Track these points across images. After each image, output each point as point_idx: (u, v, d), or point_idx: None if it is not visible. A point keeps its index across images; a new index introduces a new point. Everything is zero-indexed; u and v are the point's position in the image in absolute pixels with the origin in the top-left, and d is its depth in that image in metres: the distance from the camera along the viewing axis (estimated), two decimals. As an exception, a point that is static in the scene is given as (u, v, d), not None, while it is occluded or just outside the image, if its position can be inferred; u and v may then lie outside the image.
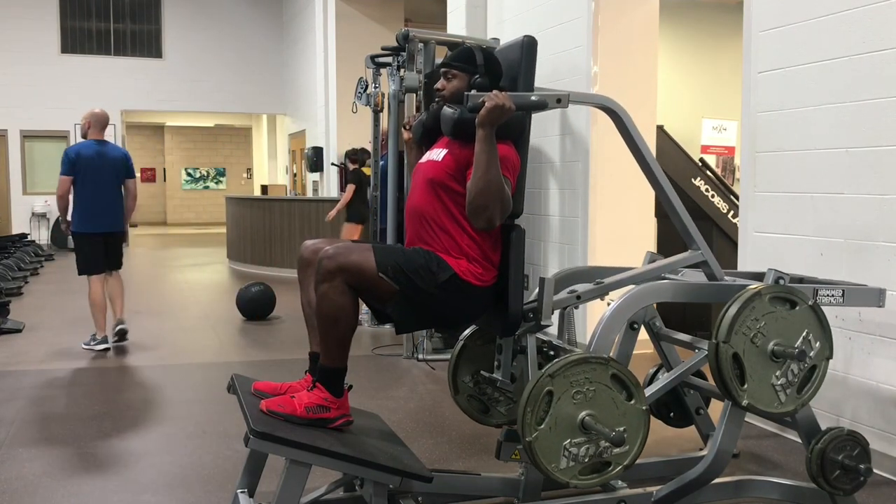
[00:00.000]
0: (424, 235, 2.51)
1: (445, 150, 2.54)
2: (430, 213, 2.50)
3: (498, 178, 2.34)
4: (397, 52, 5.64)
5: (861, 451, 2.55)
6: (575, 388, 2.25)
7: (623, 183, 5.16)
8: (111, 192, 5.44)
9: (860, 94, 3.13)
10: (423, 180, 2.54)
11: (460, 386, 2.94)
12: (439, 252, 2.47)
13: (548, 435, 2.23)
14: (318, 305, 2.35)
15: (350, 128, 11.53)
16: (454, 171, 2.47)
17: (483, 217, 2.37)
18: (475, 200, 2.35)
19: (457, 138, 2.48)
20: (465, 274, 2.44)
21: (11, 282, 8.51)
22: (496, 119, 2.31)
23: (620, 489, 2.66)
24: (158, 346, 5.68)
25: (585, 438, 2.25)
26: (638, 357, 3.16)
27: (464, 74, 2.55)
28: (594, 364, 2.28)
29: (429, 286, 2.40)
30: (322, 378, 2.40)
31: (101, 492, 2.94)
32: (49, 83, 14.66)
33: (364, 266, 2.34)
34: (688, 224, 2.80)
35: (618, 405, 2.29)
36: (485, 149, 2.32)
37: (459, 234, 2.47)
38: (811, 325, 2.44)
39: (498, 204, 2.35)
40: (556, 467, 2.24)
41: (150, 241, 16.56)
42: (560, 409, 2.23)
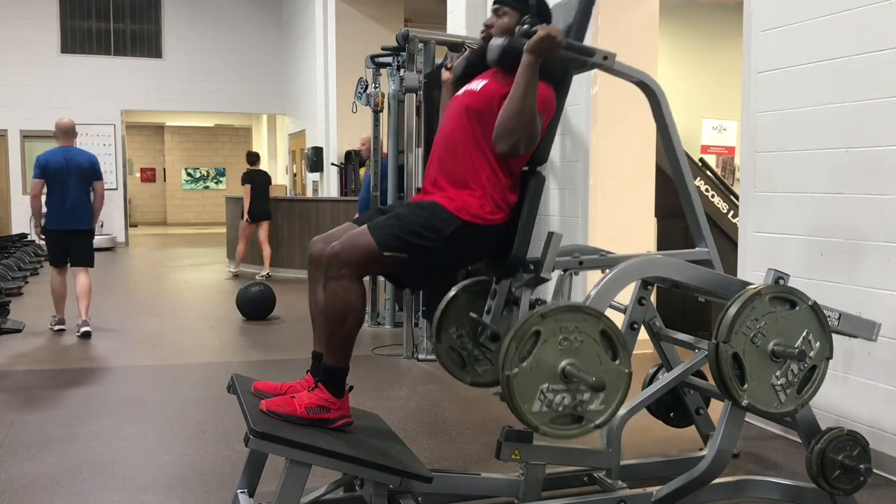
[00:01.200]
0: (449, 162, 2.51)
1: (486, 81, 2.55)
2: (459, 140, 2.50)
3: (533, 107, 2.34)
4: (397, 52, 5.65)
5: (861, 451, 2.55)
6: (563, 335, 2.22)
7: (623, 183, 5.17)
8: (77, 194, 5.91)
9: (860, 94, 3.13)
10: (459, 108, 2.55)
11: (443, 336, 2.91)
12: (452, 185, 2.46)
13: (527, 374, 2.19)
14: (327, 303, 2.35)
15: (350, 128, 11.54)
16: (491, 101, 2.47)
17: (509, 141, 2.36)
18: (505, 122, 2.36)
19: (501, 65, 2.48)
20: (475, 216, 2.44)
21: (11, 282, 8.51)
22: (545, 49, 2.32)
23: (620, 489, 2.66)
24: (158, 346, 5.68)
25: (564, 387, 2.22)
26: (638, 357, 3.16)
27: (514, 13, 2.57)
28: (587, 315, 2.26)
29: (435, 244, 2.40)
30: (324, 377, 2.40)
31: (101, 492, 2.94)
32: (49, 83, 14.65)
33: (369, 252, 2.35)
34: (700, 220, 2.79)
35: (601, 361, 2.26)
36: (527, 74, 2.33)
37: (483, 165, 2.46)
38: (811, 325, 2.44)
39: (526, 132, 2.35)
40: (528, 408, 2.21)
41: (150, 241, 16.56)
42: (544, 352, 2.21)
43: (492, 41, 2.51)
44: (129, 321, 6.72)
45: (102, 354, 5.37)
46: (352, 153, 11.64)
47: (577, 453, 2.70)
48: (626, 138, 5.19)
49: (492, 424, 3.74)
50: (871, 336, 2.70)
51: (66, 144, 6.06)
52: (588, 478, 2.85)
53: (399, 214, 2.45)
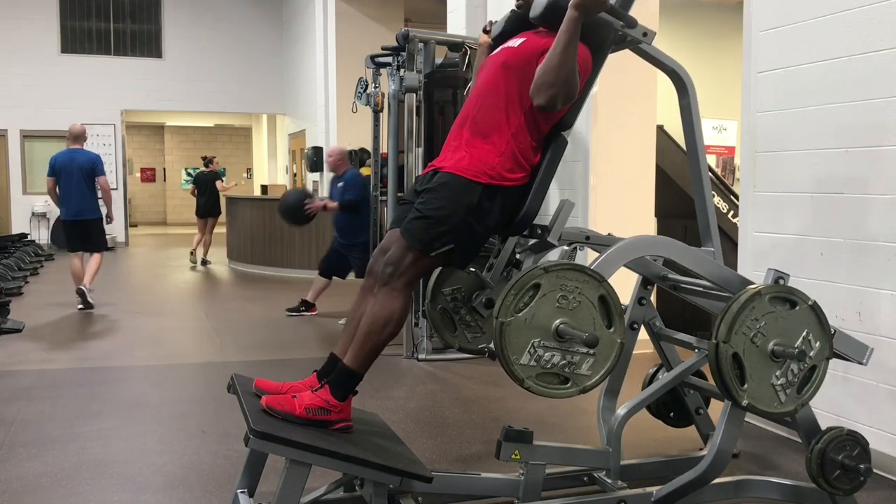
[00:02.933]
0: (477, 113, 2.50)
1: (524, 38, 2.54)
2: (491, 93, 2.49)
3: (573, 62, 2.32)
4: (397, 52, 5.64)
5: (861, 451, 2.55)
6: (562, 293, 2.20)
7: (623, 183, 5.17)
8: (80, 188, 6.99)
9: (860, 94, 3.13)
10: (496, 64, 2.54)
11: (437, 296, 2.90)
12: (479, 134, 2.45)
13: (521, 325, 2.18)
14: (373, 307, 2.39)
15: (350, 128, 11.54)
16: (530, 56, 2.45)
17: (547, 94, 2.34)
18: (545, 75, 2.33)
19: (543, 20, 2.47)
20: (493, 177, 2.42)
21: (11, 282, 8.51)
22: (591, 5, 2.30)
23: (620, 489, 2.66)
24: (158, 346, 5.68)
25: (556, 345, 2.20)
26: (638, 357, 3.16)
27: None
28: (588, 277, 2.24)
29: (466, 218, 2.40)
30: (338, 377, 2.41)
31: (101, 492, 2.93)
32: (49, 83, 14.65)
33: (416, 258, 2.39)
34: (711, 219, 2.78)
35: (596, 327, 2.24)
36: (570, 29, 2.30)
37: (512, 120, 2.45)
38: (811, 325, 2.44)
39: (565, 86, 2.33)
40: (517, 360, 2.18)
41: (150, 240, 16.56)
42: (541, 307, 2.19)
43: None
44: (129, 321, 6.71)
45: (102, 354, 5.37)
46: (352, 153, 11.62)
47: (577, 453, 2.71)
48: (626, 138, 5.19)
49: (492, 424, 3.74)
50: (862, 360, 2.69)
51: (74, 147, 7.10)
52: (588, 478, 2.85)
53: (422, 211, 2.43)
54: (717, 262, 2.72)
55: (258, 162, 20.88)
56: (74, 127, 7.23)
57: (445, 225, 2.38)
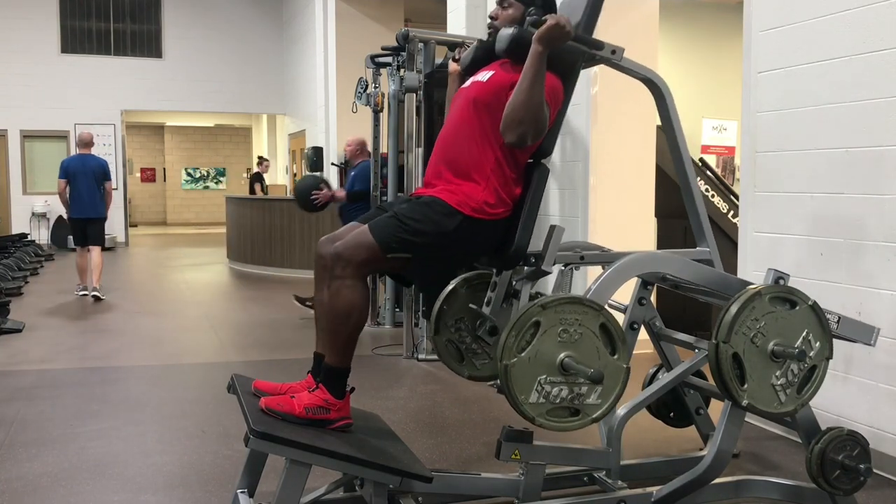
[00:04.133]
0: (453, 152, 2.51)
1: (492, 71, 2.55)
2: (466, 131, 2.49)
3: (540, 97, 2.33)
4: (397, 52, 5.65)
5: (861, 451, 2.55)
6: (562, 327, 2.21)
7: (623, 183, 5.17)
8: (90, 191, 7.83)
9: (860, 94, 3.13)
10: (466, 100, 2.55)
11: (441, 328, 2.90)
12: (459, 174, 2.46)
13: (525, 365, 2.19)
14: (330, 302, 2.35)
15: (350, 128, 11.54)
16: (499, 91, 2.46)
17: (516, 132, 2.35)
18: (513, 112, 2.35)
19: (510, 55, 2.48)
20: (475, 210, 2.43)
21: (11, 282, 8.51)
22: (554, 38, 2.31)
23: (620, 489, 2.66)
24: (158, 346, 5.68)
25: (562, 379, 2.21)
26: (638, 357, 3.16)
27: (520, 4, 2.57)
28: (587, 308, 2.25)
29: (437, 240, 2.40)
30: (326, 377, 2.40)
31: (101, 492, 2.93)
32: (49, 83, 14.65)
33: (372, 253, 2.35)
34: (703, 220, 2.79)
35: (600, 356, 2.25)
36: (535, 64, 2.32)
37: (489, 156, 2.45)
38: (811, 325, 2.44)
39: (534, 122, 2.34)
40: (525, 399, 2.20)
41: (150, 240, 16.56)
42: (543, 343, 2.20)
43: (501, 31, 2.50)
44: (129, 321, 6.71)
45: (102, 354, 5.37)
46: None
47: (577, 453, 2.70)
48: (626, 138, 5.19)
49: (492, 424, 3.74)
50: (870, 341, 2.69)
51: (84, 152, 7.94)
52: (588, 478, 2.85)
53: (399, 213, 2.43)
54: (715, 270, 2.72)
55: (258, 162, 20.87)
56: (84, 134, 8.08)
57: (413, 235, 2.38)
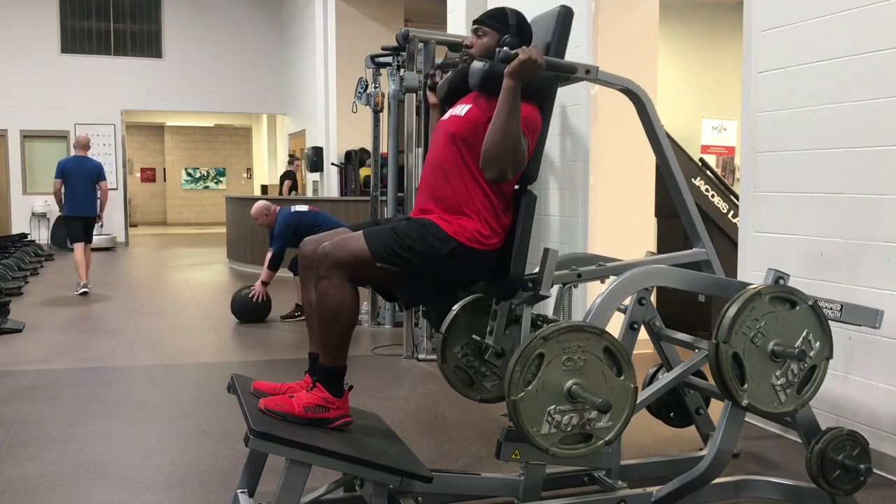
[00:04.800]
0: (440, 188, 2.50)
1: (470, 105, 2.54)
2: (449, 167, 2.49)
3: (517, 131, 2.33)
4: (397, 52, 5.65)
5: (861, 451, 2.55)
6: (566, 355, 2.23)
7: (623, 183, 5.17)
8: (86, 191, 8.27)
9: (860, 94, 3.13)
10: (445, 135, 2.54)
11: (448, 356, 2.91)
12: (446, 213, 2.46)
13: (533, 397, 2.20)
14: (318, 302, 2.35)
15: (350, 128, 11.54)
16: (476, 126, 2.46)
17: (496, 168, 2.36)
18: (490, 149, 2.35)
19: (484, 90, 2.47)
20: (470, 240, 2.43)
21: (11, 282, 8.51)
22: (526, 72, 2.30)
23: (620, 489, 2.66)
24: (158, 346, 5.68)
25: (571, 407, 2.23)
26: (638, 357, 3.16)
27: (494, 32, 2.56)
28: (588, 334, 2.26)
29: (428, 261, 2.40)
30: (322, 377, 2.40)
31: (101, 492, 2.94)
32: (49, 83, 14.65)
33: (361, 258, 2.34)
34: (696, 221, 2.79)
35: (607, 379, 2.26)
36: (508, 100, 2.32)
37: (475, 189, 2.46)
38: (811, 325, 2.44)
39: (512, 157, 2.34)
40: (537, 431, 2.21)
41: (150, 240, 16.56)
42: (549, 374, 2.21)
43: (472, 65, 2.49)
44: (129, 321, 6.72)
45: (102, 354, 5.37)
46: (352, 153, 11.66)
47: (577, 453, 2.70)
48: (626, 138, 5.18)
49: (492, 424, 3.74)
50: (874, 324, 2.69)
51: (81, 154, 8.40)
52: (588, 478, 2.85)
53: (396, 227, 2.44)
54: (713, 276, 2.72)
55: (258, 162, 20.89)
56: (81, 137, 8.60)
57: (406, 251, 2.38)
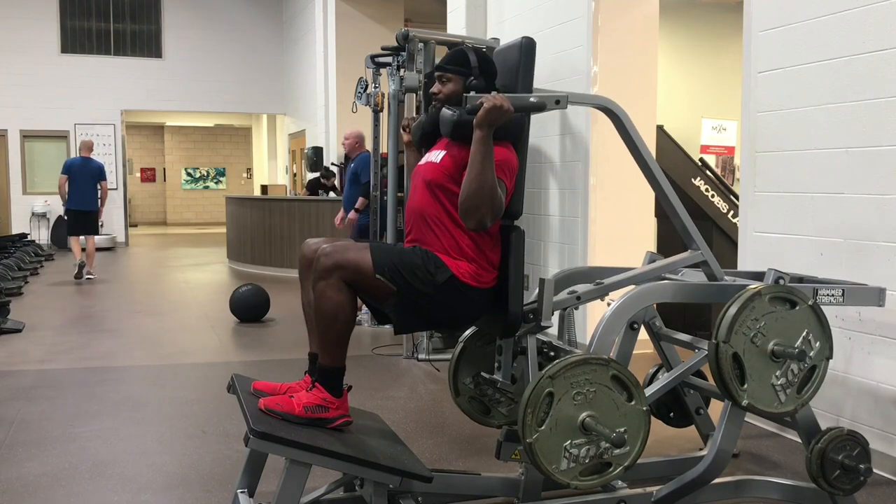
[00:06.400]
0: (425, 236, 2.51)
1: (444, 151, 2.54)
2: (430, 214, 2.50)
3: (491, 181, 2.33)
4: (397, 52, 5.64)
5: (861, 451, 2.55)
6: (575, 390, 2.25)
7: (623, 183, 5.16)
8: (88, 188, 9.44)
9: (860, 94, 3.13)
10: (422, 182, 2.54)
11: (461, 388, 2.94)
12: (439, 253, 2.46)
13: (548, 436, 2.23)
14: (317, 303, 2.35)
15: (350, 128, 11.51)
16: (452, 173, 2.46)
17: (474, 218, 2.36)
18: (467, 201, 2.34)
19: (455, 140, 2.47)
20: (463, 276, 2.44)
21: (11, 282, 8.50)
22: (494, 120, 2.30)
23: (620, 489, 2.65)
24: (158, 346, 5.68)
25: (586, 439, 2.26)
26: (638, 357, 3.16)
27: (458, 77, 2.54)
28: (594, 365, 2.28)
29: (426, 287, 2.40)
30: (321, 378, 2.40)
31: (100, 492, 2.94)
32: (49, 83, 14.64)
33: (361, 265, 2.34)
34: (687, 224, 2.80)
35: (618, 406, 2.29)
36: (480, 150, 2.31)
37: (459, 234, 2.47)
38: (811, 325, 2.44)
39: (489, 206, 2.34)
40: (556, 468, 2.24)
41: (150, 240, 16.56)
42: (560, 411, 2.24)
43: (442, 114, 2.48)
44: (129, 321, 6.72)
45: (102, 354, 5.37)
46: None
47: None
48: (626, 138, 5.18)
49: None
50: (878, 302, 2.69)
51: (85, 155, 9.56)
52: (588, 478, 2.85)
53: (402, 249, 2.48)
54: (711, 283, 2.72)
55: (258, 162, 20.88)
56: (86, 141, 9.83)
57: (407, 271, 2.38)
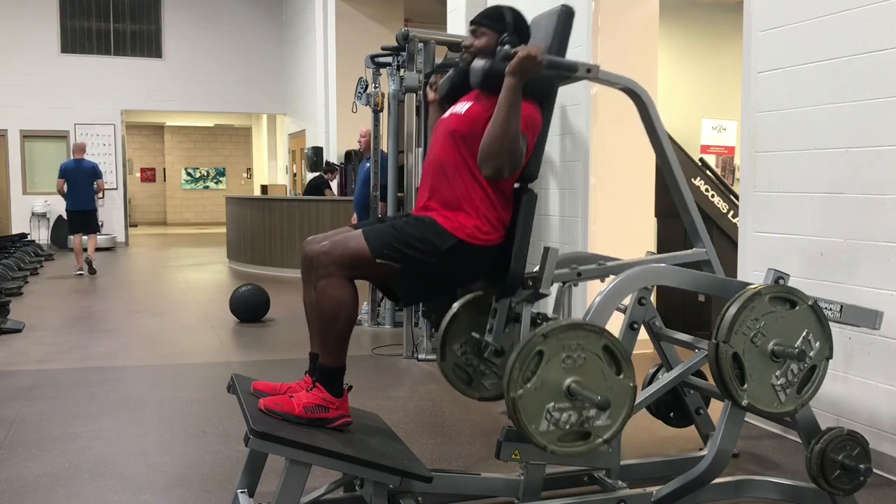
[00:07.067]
0: (440, 186, 2.51)
1: (470, 103, 2.54)
2: (449, 165, 2.50)
3: (515, 130, 2.33)
4: (397, 52, 5.65)
5: (861, 451, 2.55)
6: (566, 353, 2.23)
7: (623, 183, 5.17)
8: (84, 188, 9.96)
9: (860, 94, 3.13)
10: (445, 132, 2.54)
11: (448, 354, 2.92)
12: (450, 206, 2.46)
13: (532, 395, 2.20)
14: (318, 302, 2.35)
15: (350, 128, 11.53)
16: (476, 124, 2.46)
17: (492, 165, 2.36)
18: (488, 146, 2.35)
19: (485, 89, 2.47)
20: (470, 236, 2.43)
21: (11, 282, 8.50)
22: (527, 70, 2.30)
23: (620, 489, 2.66)
24: (158, 346, 5.68)
25: (569, 405, 2.23)
26: (638, 357, 3.16)
27: (492, 32, 2.55)
28: (588, 332, 2.26)
29: (430, 258, 2.40)
30: (322, 377, 2.40)
31: (100, 492, 2.94)
32: (49, 83, 14.65)
33: (360, 255, 2.35)
34: (696, 221, 2.79)
35: (606, 377, 2.26)
36: (509, 97, 2.32)
37: (474, 186, 2.46)
38: (811, 325, 2.44)
39: (509, 155, 2.35)
40: (535, 428, 2.21)
41: (150, 240, 16.56)
42: (548, 372, 2.21)
43: (473, 64, 2.49)
44: (129, 321, 6.72)
45: (102, 354, 5.37)
46: (352, 153, 11.65)
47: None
48: (626, 138, 5.18)
49: (492, 424, 3.74)
50: (874, 325, 2.69)
51: (78, 157, 10.09)
52: (588, 478, 2.85)
53: (396, 225, 2.45)
54: (714, 276, 2.72)
55: (258, 162, 20.89)
56: (78, 143, 10.39)
57: (406, 247, 2.38)
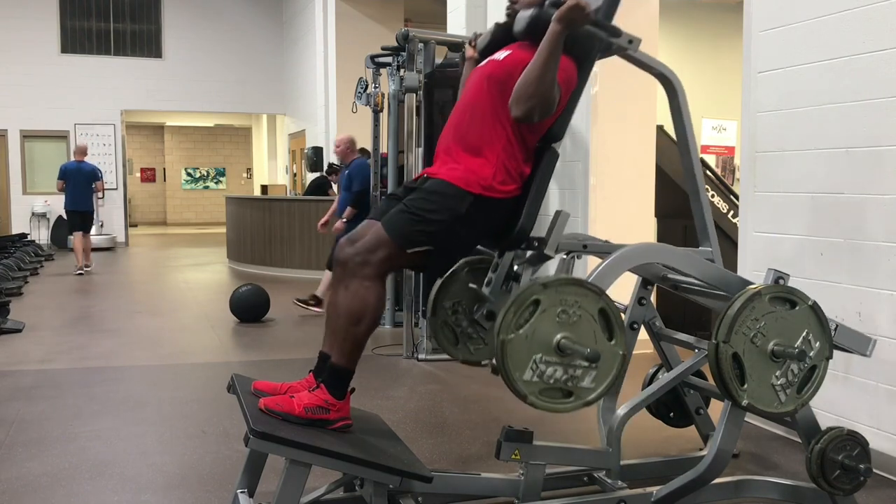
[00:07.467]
0: (465, 129, 2.50)
1: (510, 51, 2.54)
2: (478, 108, 2.49)
3: (553, 77, 2.33)
4: (397, 52, 5.65)
5: (861, 451, 2.55)
6: (562, 307, 2.20)
7: (623, 183, 5.17)
8: (83, 190, 10.19)
9: (860, 94, 3.13)
10: (481, 77, 2.54)
11: (439, 310, 2.90)
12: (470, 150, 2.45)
13: (522, 342, 2.18)
14: (346, 301, 2.36)
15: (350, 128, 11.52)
16: (514, 71, 2.45)
17: (524, 106, 2.36)
18: (524, 87, 2.35)
19: (528, 37, 2.47)
20: (487, 188, 2.42)
21: (11, 282, 8.50)
22: (573, 20, 2.31)
23: (620, 489, 2.66)
24: (158, 346, 5.68)
25: (557, 360, 2.21)
26: (638, 357, 3.16)
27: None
28: (588, 290, 2.24)
29: (452, 225, 2.39)
30: (329, 376, 2.40)
31: (100, 492, 2.93)
32: (49, 83, 14.65)
33: (390, 252, 2.35)
34: (707, 219, 2.79)
35: (597, 340, 2.24)
36: (551, 43, 2.32)
37: (500, 134, 2.45)
38: (811, 325, 2.44)
39: (542, 100, 2.35)
40: (519, 376, 2.19)
41: (150, 240, 16.55)
42: (541, 322, 2.19)
43: (520, 13, 2.51)
44: (129, 321, 6.71)
45: (102, 354, 5.37)
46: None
47: (578, 453, 2.70)
48: (626, 138, 5.19)
49: (492, 424, 3.74)
50: (865, 352, 2.69)
51: (79, 159, 10.34)
52: (588, 478, 2.85)
53: (410, 206, 2.42)
54: (716, 266, 2.72)
55: (258, 162, 20.88)
56: (80, 145, 10.69)
57: (430, 225, 2.38)
